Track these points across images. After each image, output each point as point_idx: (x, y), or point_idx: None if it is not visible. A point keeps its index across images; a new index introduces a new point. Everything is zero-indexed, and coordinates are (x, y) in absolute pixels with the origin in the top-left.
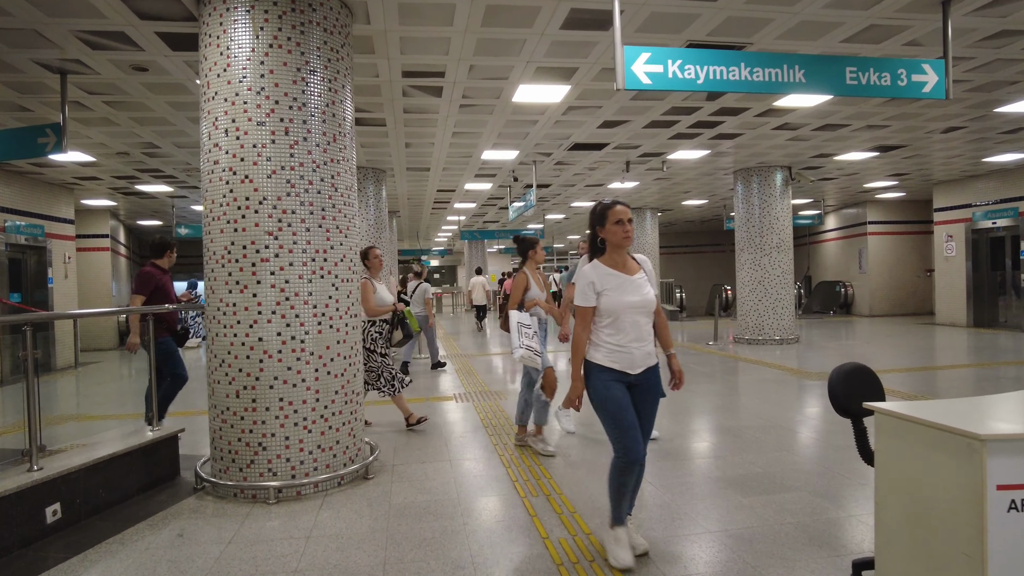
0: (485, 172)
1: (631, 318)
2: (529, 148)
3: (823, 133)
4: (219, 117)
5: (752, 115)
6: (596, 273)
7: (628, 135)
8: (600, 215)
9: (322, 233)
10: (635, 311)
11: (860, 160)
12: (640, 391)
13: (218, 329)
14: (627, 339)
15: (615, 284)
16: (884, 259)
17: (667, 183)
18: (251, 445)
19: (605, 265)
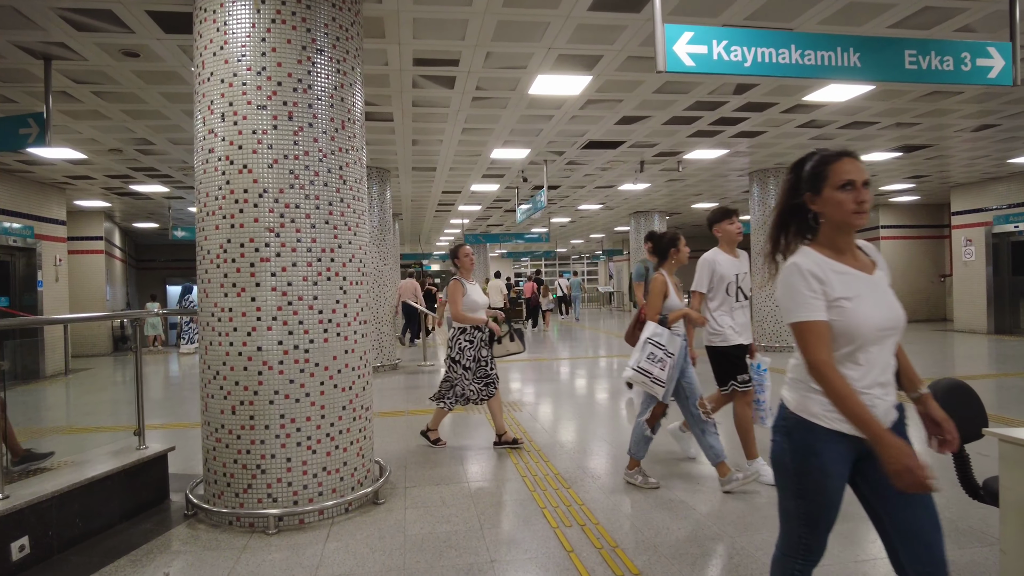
0: (493, 172)
1: (877, 346)
2: (541, 146)
3: (848, 132)
4: (215, 100)
5: (779, 111)
6: (819, 267)
7: (646, 132)
8: (816, 174)
9: (329, 230)
10: (884, 335)
11: (881, 161)
12: (875, 467)
13: (212, 337)
14: (868, 381)
15: (853, 289)
16: (897, 264)
17: (679, 185)
18: (248, 467)
19: (828, 256)
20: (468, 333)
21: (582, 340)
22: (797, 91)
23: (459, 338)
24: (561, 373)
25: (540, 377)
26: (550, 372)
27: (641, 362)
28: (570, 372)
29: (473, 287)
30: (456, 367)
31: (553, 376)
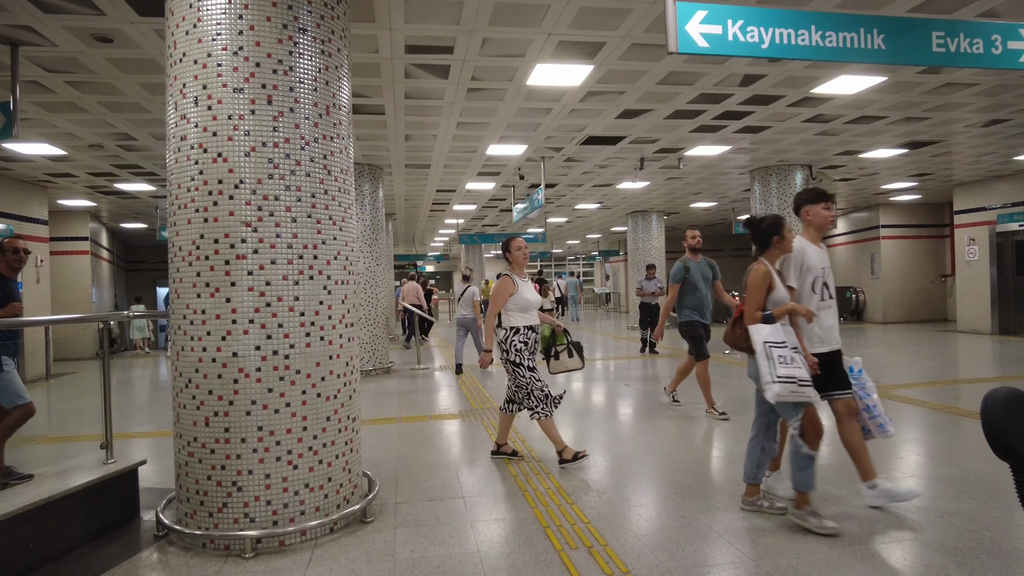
0: (489, 170)
1: None
2: (539, 142)
3: (855, 127)
4: (188, 83)
5: (785, 104)
6: None
7: (648, 127)
8: None
9: (311, 225)
10: None
11: (886, 158)
12: None
13: (184, 342)
14: None
15: None
16: (897, 264)
17: (678, 183)
18: (223, 484)
19: None
20: (522, 333)
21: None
22: (806, 83)
23: (513, 339)
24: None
25: None
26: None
27: (778, 370)
28: (567, 376)
29: (525, 284)
30: (521, 370)
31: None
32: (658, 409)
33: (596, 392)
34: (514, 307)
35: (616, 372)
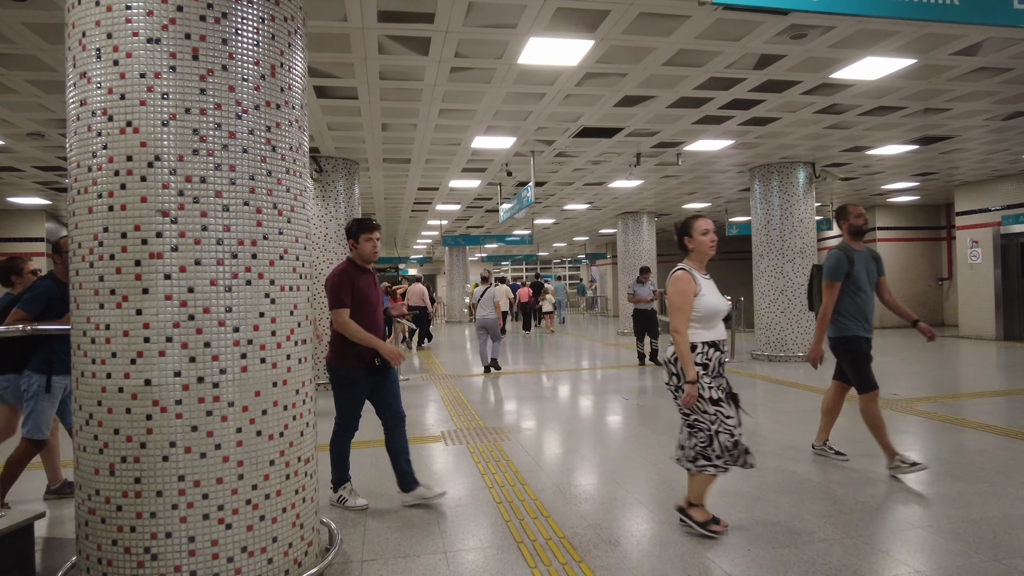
0: (474, 165)
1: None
2: (529, 134)
3: (868, 119)
4: (88, 32)
5: (799, 92)
6: None
7: (648, 117)
8: None
9: (249, 215)
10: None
11: (892, 155)
12: None
13: (84, 365)
14: None
15: None
16: (894, 267)
17: (673, 182)
18: (133, 551)
19: None
20: (702, 353)
21: (572, 348)
22: (827, 65)
23: (711, 354)
24: (554, 390)
25: (528, 394)
26: (539, 388)
27: None
28: (560, 387)
29: (708, 283)
30: (702, 404)
31: (544, 393)
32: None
33: (608, 412)
34: (701, 314)
35: (610, 383)
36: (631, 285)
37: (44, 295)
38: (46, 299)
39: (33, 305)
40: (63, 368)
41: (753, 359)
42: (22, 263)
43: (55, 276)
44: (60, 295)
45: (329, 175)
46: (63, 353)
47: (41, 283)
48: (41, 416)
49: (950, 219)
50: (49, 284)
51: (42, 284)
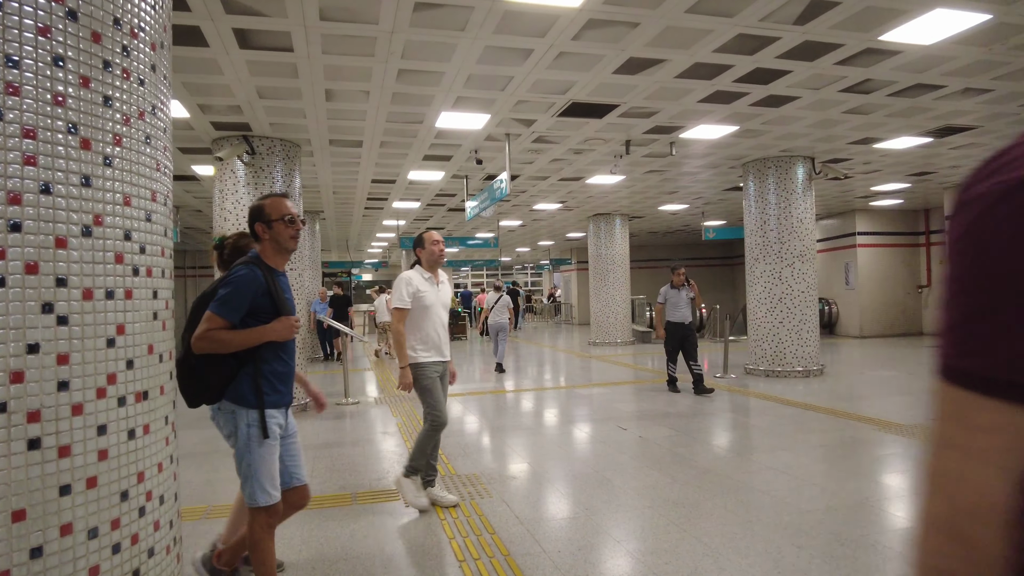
0: (438, 152)
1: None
2: (507, 109)
3: (896, 102)
4: None
5: (834, 61)
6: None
7: (650, 91)
8: None
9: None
10: None
11: (900, 150)
12: None
13: None
14: None
15: None
16: (873, 274)
17: (655, 179)
18: None
19: None
20: None
21: (546, 362)
22: (884, 20)
23: None
24: (536, 417)
25: (507, 422)
26: (517, 413)
27: None
28: (543, 412)
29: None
30: None
31: (524, 420)
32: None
33: (590, 443)
34: None
35: (600, 407)
36: (664, 291)
37: (246, 291)
38: (249, 296)
39: (230, 308)
40: (278, 395)
41: (747, 374)
42: (250, 241)
43: (261, 260)
44: (269, 289)
45: (264, 159)
46: (278, 373)
47: (241, 273)
48: (260, 473)
49: (929, 224)
50: (251, 274)
51: (242, 275)
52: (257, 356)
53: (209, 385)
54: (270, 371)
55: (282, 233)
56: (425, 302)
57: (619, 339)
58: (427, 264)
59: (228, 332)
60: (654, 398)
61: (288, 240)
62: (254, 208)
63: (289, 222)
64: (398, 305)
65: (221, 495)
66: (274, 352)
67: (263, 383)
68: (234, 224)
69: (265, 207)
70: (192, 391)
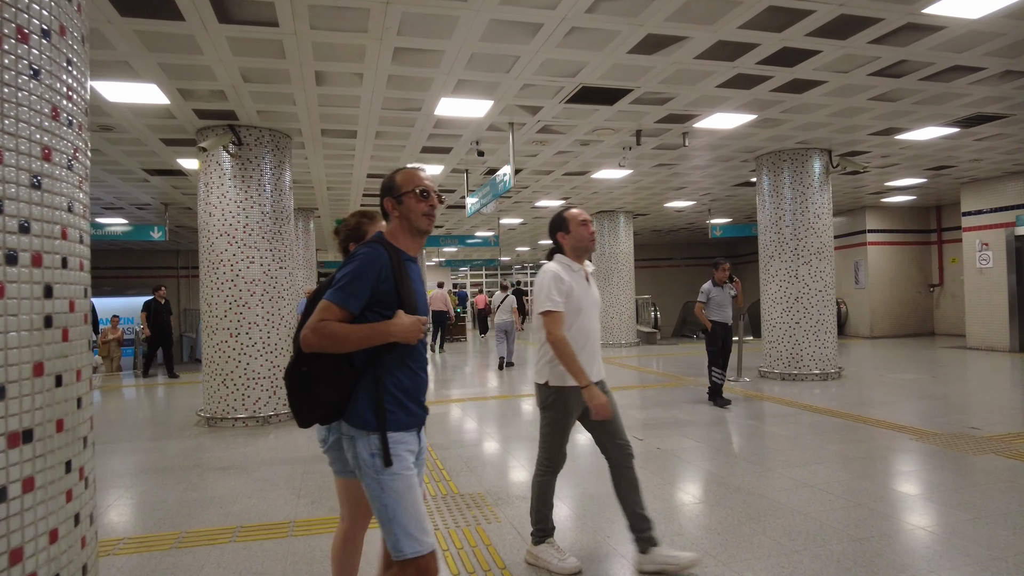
0: (437, 143)
1: None
2: (511, 95)
3: (929, 87)
4: None
5: (869, 39)
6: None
7: (667, 73)
8: None
9: None
10: None
11: (923, 142)
12: None
13: None
14: None
15: None
16: (884, 272)
17: (664, 174)
18: None
19: None
20: None
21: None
22: None
23: None
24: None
25: (510, 431)
26: (519, 421)
27: None
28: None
29: None
30: None
31: (527, 429)
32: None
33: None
34: None
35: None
36: (706, 289)
37: (369, 272)
38: (372, 279)
39: (349, 293)
40: (406, 415)
41: (762, 377)
42: (368, 224)
43: (387, 241)
44: (395, 274)
45: (251, 150)
46: (405, 387)
47: (363, 252)
48: (401, 514)
49: (941, 222)
50: (374, 253)
51: (364, 253)
52: (378, 364)
53: (320, 399)
54: (395, 384)
55: (414, 209)
56: (578, 304)
57: (623, 340)
58: (573, 252)
59: (343, 326)
60: (666, 404)
61: (420, 218)
62: (384, 182)
63: (422, 195)
64: (550, 308)
65: (198, 518)
66: (399, 360)
67: (386, 399)
68: (219, 220)
69: (396, 178)
70: (302, 406)
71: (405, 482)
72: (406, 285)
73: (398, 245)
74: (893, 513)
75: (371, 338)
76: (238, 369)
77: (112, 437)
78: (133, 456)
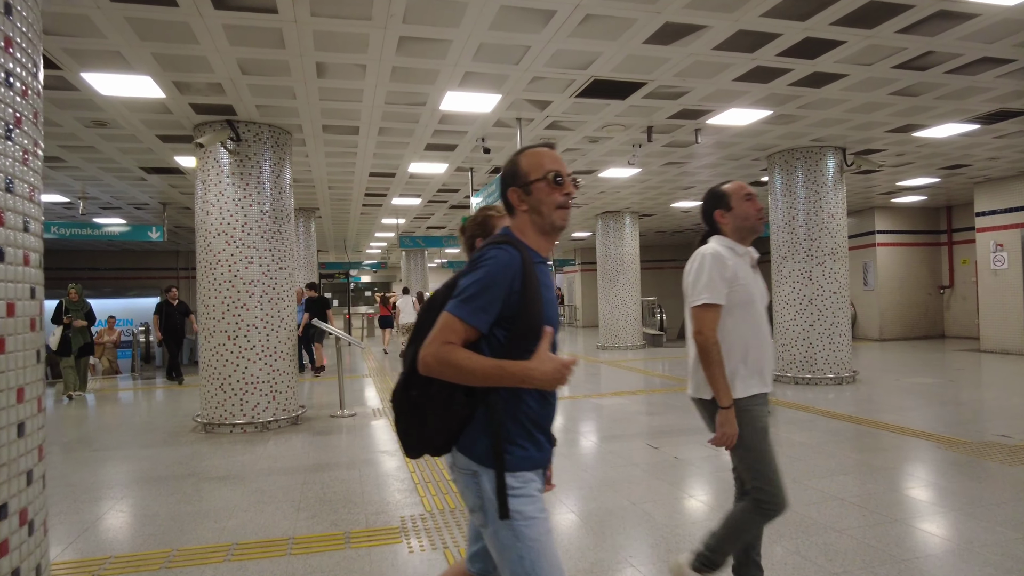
0: (442, 140)
1: None
2: (520, 88)
3: (955, 80)
4: None
5: (897, 28)
6: None
7: (683, 65)
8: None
9: None
10: None
11: (941, 139)
12: None
13: None
14: None
15: None
16: (895, 274)
17: (673, 172)
18: None
19: None
20: None
21: None
22: None
23: None
24: None
25: None
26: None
27: None
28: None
29: None
30: None
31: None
32: None
33: (622, 466)
34: None
35: (620, 419)
36: None
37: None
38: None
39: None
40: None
41: (775, 381)
42: (497, 219)
43: (516, 239)
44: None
45: (250, 146)
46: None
47: (493, 255)
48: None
49: (951, 223)
50: (507, 257)
51: (495, 257)
52: (505, 387)
53: (431, 425)
54: (525, 411)
55: (546, 201)
56: (747, 293)
57: (629, 343)
58: (736, 233)
59: (471, 358)
60: (677, 410)
61: (553, 211)
62: (507, 168)
63: (556, 182)
64: (707, 300)
65: (191, 534)
66: None
67: (514, 429)
68: (217, 219)
69: (521, 163)
70: (411, 434)
71: (542, 527)
72: (533, 293)
73: (530, 244)
74: (937, 530)
75: (502, 380)
76: (236, 373)
77: (105, 443)
78: (125, 464)
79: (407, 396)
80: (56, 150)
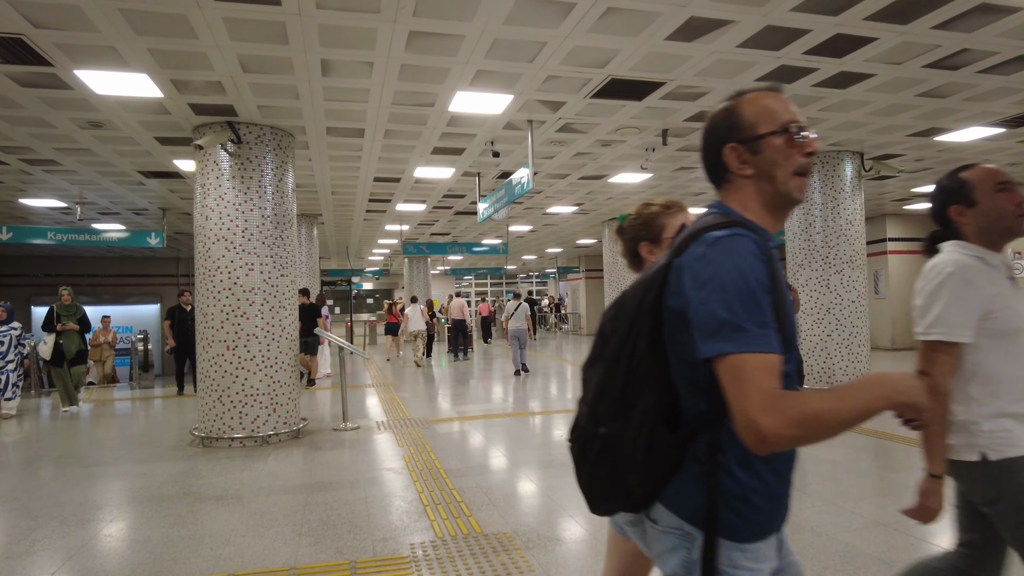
0: (450, 143)
1: None
2: (533, 88)
3: (986, 81)
4: None
5: (932, 24)
6: None
7: (705, 64)
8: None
9: None
10: None
11: (963, 143)
12: None
13: None
14: None
15: None
16: (907, 282)
17: (684, 178)
18: None
19: None
20: None
21: (566, 377)
22: None
23: None
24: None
25: (532, 456)
26: (546, 443)
27: None
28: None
29: None
30: None
31: (555, 454)
32: None
33: None
34: None
35: None
36: None
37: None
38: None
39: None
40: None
41: None
42: (666, 215)
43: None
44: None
45: (251, 149)
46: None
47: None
48: None
49: None
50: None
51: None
52: (722, 424)
53: (626, 479)
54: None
55: (781, 162)
56: (1008, 322)
57: None
58: (983, 236)
59: (826, 398)
60: None
61: (790, 179)
62: (718, 119)
63: (798, 138)
64: (943, 336)
65: (184, 563)
66: None
67: (741, 478)
68: (216, 224)
69: (743, 111)
70: (598, 482)
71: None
72: (781, 293)
73: (763, 224)
74: None
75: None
76: (235, 385)
77: (97, 459)
78: (118, 482)
79: (595, 434)
80: (51, 152)
